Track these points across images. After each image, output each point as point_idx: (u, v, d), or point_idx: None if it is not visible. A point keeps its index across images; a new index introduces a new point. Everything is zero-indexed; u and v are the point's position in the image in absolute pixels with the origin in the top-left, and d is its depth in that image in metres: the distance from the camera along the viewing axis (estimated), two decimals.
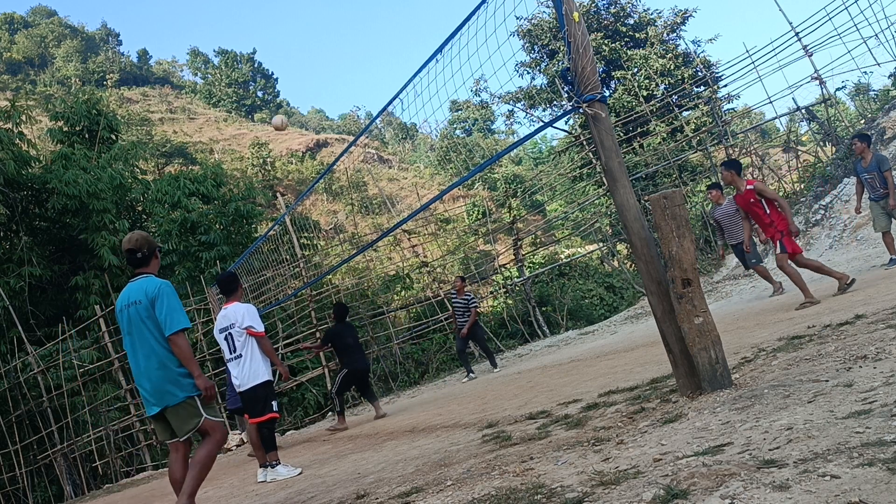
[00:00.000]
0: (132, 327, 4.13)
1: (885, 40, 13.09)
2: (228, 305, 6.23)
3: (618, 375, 5.87)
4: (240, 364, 6.01)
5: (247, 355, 6.01)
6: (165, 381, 4.06)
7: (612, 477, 2.62)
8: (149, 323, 4.08)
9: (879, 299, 5.71)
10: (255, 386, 5.96)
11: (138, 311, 4.09)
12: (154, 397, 4.10)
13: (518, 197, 24.03)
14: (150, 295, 4.09)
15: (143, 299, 4.10)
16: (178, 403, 4.07)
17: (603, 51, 22.39)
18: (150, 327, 4.08)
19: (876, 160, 8.63)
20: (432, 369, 14.87)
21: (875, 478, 1.91)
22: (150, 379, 4.08)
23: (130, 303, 4.14)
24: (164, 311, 4.06)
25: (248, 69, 73.69)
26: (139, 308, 4.09)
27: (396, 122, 70.53)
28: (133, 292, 4.16)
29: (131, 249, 4.21)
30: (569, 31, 3.90)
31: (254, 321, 6.06)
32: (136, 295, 4.13)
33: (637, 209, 3.97)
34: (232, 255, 15.60)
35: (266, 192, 30.43)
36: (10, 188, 15.10)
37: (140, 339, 4.11)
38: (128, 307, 4.15)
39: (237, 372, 6.02)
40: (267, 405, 6.01)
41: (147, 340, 4.09)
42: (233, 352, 6.07)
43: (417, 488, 3.52)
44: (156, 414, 4.14)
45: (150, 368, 4.08)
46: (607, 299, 19.04)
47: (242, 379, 5.99)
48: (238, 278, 6.57)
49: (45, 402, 12.95)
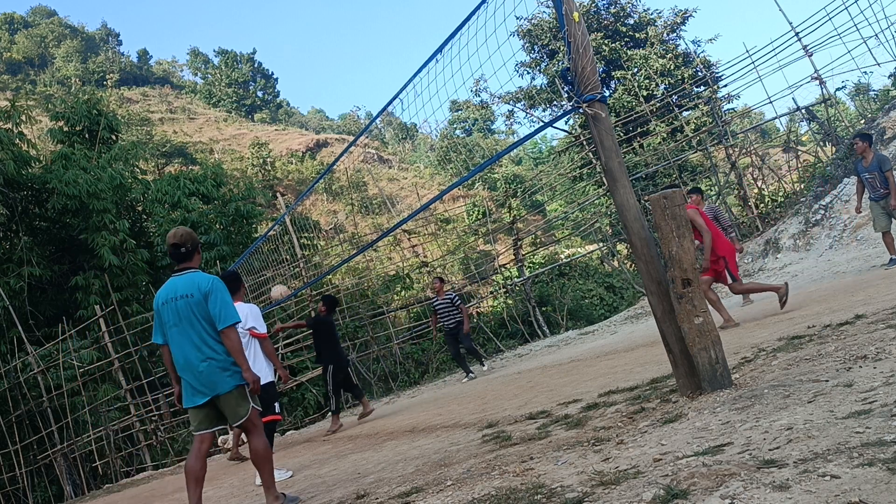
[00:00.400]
0: (180, 319, 4.19)
1: (885, 40, 13.09)
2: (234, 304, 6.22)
3: (618, 375, 5.87)
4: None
5: (249, 356, 5.99)
6: (216, 370, 4.16)
7: (612, 477, 2.62)
8: (200, 315, 4.17)
9: (879, 299, 5.71)
10: None
11: (189, 304, 4.17)
12: (204, 387, 4.17)
13: (518, 197, 24.03)
14: (202, 289, 4.19)
15: (195, 293, 4.18)
16: (229, 391, 4.18)
17: (603, 51, 22.39)
18: (201, 320, 4.17)
19: (877, 160, 8.61)
20: (432, 369, 14.87)
21: (875, 478, 1.91)
22: (198, 369, 4.16)
23: (179, 296, 4.20)
24: (217, 306, 4.17)
25: (248, 69, 73.69)
26: (190, 301, 4.17)
27: (396, 122, 70.53)
28: (182, 286, 4.24)
29: (175, 244, 4.29)
30: (569, 31, 3.91)
31: (257, 322, 6.05)
32: (186, 288, 4.21)
33: (637, 209, 3.97)
34: (232, 255, 15.59)
35: (266, 192, 30.43)
36: (10, 188, 15.09)
37: (188, 331, 4.19)
38: (175, 300, 4.21)
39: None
40: (269, 407, 5.99)
41: (198, 332, 4.17)
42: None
43: (417, 488, 3.53)
44: (200, 404, 4.19)
45: (200, 359, 4.16)
46: (607, 299, 19.05)
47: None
48: (240, 277, 6.56)
49: (45, 402, 12.95)
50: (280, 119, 75.35)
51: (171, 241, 4.31)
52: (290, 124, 73.54)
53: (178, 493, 7.32)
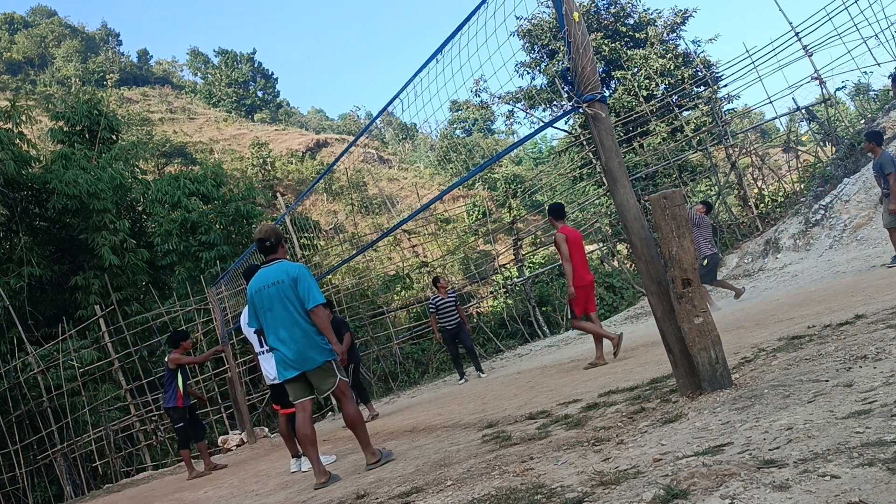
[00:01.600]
0: (273, 304, 4.64)
1: (885, 40, 13.09)
2: None
3: (618, 375, 5.87)
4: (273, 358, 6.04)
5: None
6: (308, 347, 4.63)
7: (612, 477, 2.62)
8: (292, 298, 4.63)
9: (879, 299, 5.71)
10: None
11: (280, 290, 4.63)
12: (297, 363, 4.64)
13: (518, 197, 24.03)
14: (291, 275, 4.66)
15: (285, 279, 4.66)
16: (319, 366, 4.66)
17: (603, 51, 22.38)
18: (294, 302, 4.63)
19: (879, 161, 8.61)
20: (432, 369, 14.87)
21: (875, 478, 1.91)
22: (293, 347, 4.62)
23: (271, 283, 4.67)
24: (306, 289, 4.64)
25: (248, 69, 73.70)
26: (282, 287, 4.64)
27: (396, 122, 70.55)
28: (272, 274, 4.71)
29: (261, 239, 4.80)
30: (569, 31, 3.90)
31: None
32: (276, 276, 4.68)
33: (637, 209, 3.97)
34: (232, 255, 15.59)
35: (266, 192, 30.43)
36: (10, 188, 15.09)
37: (281, 314, 4.63)
38: (268, 287, 4.67)
39: (273, 365, 6.03)
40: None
41: (290, 314, 4.63)
42: (266, 345, 6.08)
43: (417, 488, 3.52)
44: (293, 377, 4.68)
45: (294, 338, 4.62)
46: (607, 299, 19.02)
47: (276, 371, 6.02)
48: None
49: (45, 402, 12.95)
50: (280, 119, 75.36)
51: (257, 237, 4.84)
52: (290, 124, 73.54)
53: (178, 493, 7.32)
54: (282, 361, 4.68)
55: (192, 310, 13.68)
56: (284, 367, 4.68)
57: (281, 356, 4.67)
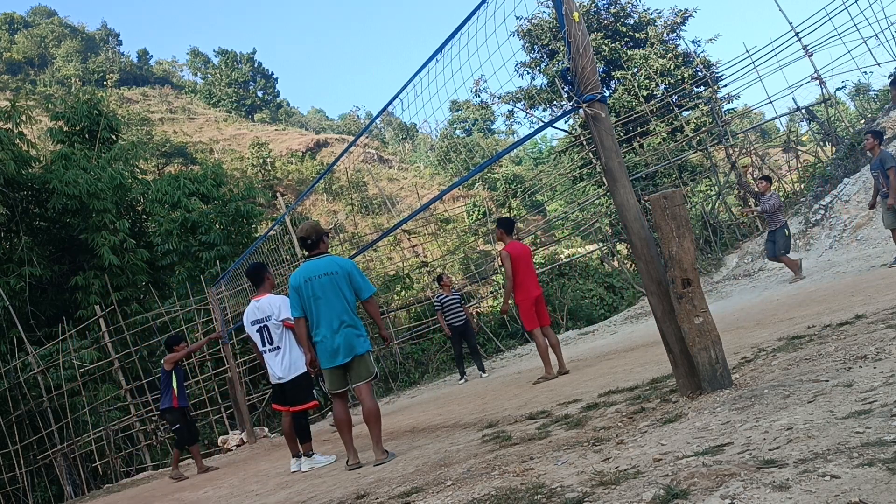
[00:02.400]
0: (326, 292, 4.87)
1: (885, 40, 13.10)
2: (260, 298, 6.25)
3: (618, 375, 5.87)
4: (279, 356, 6.07)
5: (285, 347, 6.08)
6: (354, 336, 4.89)
7: (612, 477, 2.62)
8: (345, 289, 4.90)
9: (879, 299, 5.71)
10: (298, 376, 6.05)
11: (334, 280, 4.89)
12: (344, 350, 4.87)
13: (518, 197, 24.03)
14: (345, 267, 4.96)
15: (338, 270, 4.93)
16: (362, 354, 4.92)
17: (603, 51, 22.38)
18: (346, 292, 4.90)
19: (880, 158, 8.60)
20: (432, 369, 14.86)
21: (875, 478, 1.91)
22: (340, 335, 4.86)
23: (322, 273, 4.90)
24: (359, 280, 4.97)
25: (248, 69, 73.67)
26: (335, 278, 4.89)
27: (396, 122, 70.52)
28: (324, 265, 4.95)
29: (302, 238, 5.08)
30: (569, 31, 3.90)
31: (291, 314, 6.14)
32: (328, 267, 4.93)
33: (637, 209, 3.97)
34: (232, 255, 15.59)
35: (266, 192, 30.42)
36: (10, 188, 15.08)
37: (334, 302, 4.87)
38: (319, 277, 4.89)
39: (277, 364, 6.06)
40: (309, 393, 6.15)
41: (342, 303, 4.88)
42: (269, 343, 6.09)
43: (417, 488, 3.52)
44: (336, 366, 4.89)
45: (343, 326, 4.86)
46: (607, 299, 19.01)
47: (284, 371, 6.07)
48: (266, 268, 6.68)
49: (45, 402, 12.94)
50: (280, 119, 75.34)
51: (299, 236, 5.14)
52: (290, 124, 73.52)
53: (178, 493, 7.32)
54: (327, 350, 4.87)
55: (192, 310, 13.68)
56: (333, 354, 4.86)
57: (329, 344, 4.86)
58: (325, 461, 6.01)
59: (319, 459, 6.02)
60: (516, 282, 7.46)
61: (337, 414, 5.09)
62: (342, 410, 5.07)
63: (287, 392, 6.12)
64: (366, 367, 4.94)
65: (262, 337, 6.13)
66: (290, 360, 6.05)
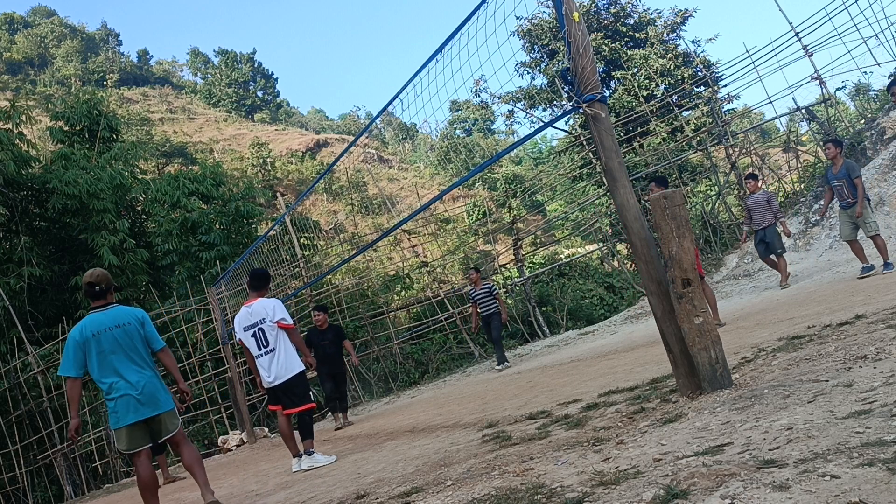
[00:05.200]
0: (119, 346, 4.65)
1: (885, 40, 13.08)
2: (252, 302, 6.24)
3: (618, 375, 5.87)
4: (274, 358, 6.03)
5: (280, 349, 6.06)
6: (158, 389, 4.71)
7: (612, 477, 2.62)
8: (138, 340, 4.73)
9: (879, 299, 5.71)
10: (292, 377, 6.04)
11: (126, 332, 4.68)
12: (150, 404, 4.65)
13: (518, 197, 24.01)
14: (138, 317, 4.81)
15: (132, 321, 4.75)
16: (170, 409, 4.76)
17: (603, 51, 22.38)
18: (138, 345, 4.73)
19: (846, 167, 8.46)
20: (432, 369, 14.86)
21: (875, 478, 1.91)
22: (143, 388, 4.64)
23: (111, 326, 4.67)
24: (153, 330, 4.85)
25: (248, 69, 73.63)
26: (128, 329, 4.69)
27: (396, 122, 70.48)
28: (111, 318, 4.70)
29: (90, 283, 4.76)
30: (569, 31, 3.90)
31: (285, 314, 6.15)
32: (116, 319, 4.70)
33: (637, 209, 3.97)
34: (232, 255, 15.59)
35: (266, 192, 30.41)
36: (10, 188, 15.08)
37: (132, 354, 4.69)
38: (109, 330, 4.65)
39: (271, 365, 6.04)
40: (305, 395, 6.13)
41: (139, 355, 4.72)
42: (264, 346, 6.08)
43: (417, 488, 3.52)
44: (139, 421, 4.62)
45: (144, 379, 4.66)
46: (607, 299, 19.02)
47: (279, 372, 6.04)
48: (268, 274, 6.71)
49: (45, 402, 12.95)
50: (280, 119, 75.34)
51: (85, 281, 4.79)
52: (290, 124, 73.51)
53: (178, 494, 7.33)
54: (132, 404, 4.56)
55: (192, 310, 13.68)
56: (136, 408, 4.57)
57: (130, 399, 4.56)
58: (326, 461, 6.01)
59: (319, 459, 6.03)
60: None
61: (141, 474, 4.67)
62: (146, 469, 4.67)
63: (284, 394, 6.11)
64: (173, 420, 4.75)
65: (258, 340, 6.09)
66: (286, 361, 6.02)
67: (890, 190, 11.19)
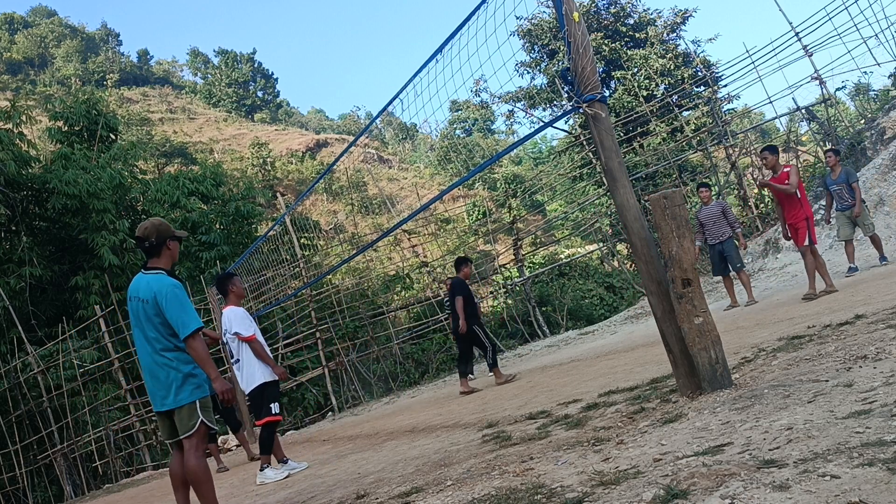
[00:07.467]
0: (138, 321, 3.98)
1: (885, 40, 13.08)
2: (225, 308, 6.23)
3: (618, 375, 5.87)
4: (241, 368, 6.02)
5: (243, 360, 6.01)
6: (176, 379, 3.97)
7: (612, 477, 2.62)
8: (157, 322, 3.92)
9: (879, 299, 5.71)
10: (253, 389, 5.99)
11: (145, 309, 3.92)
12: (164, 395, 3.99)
13: (518, 197, 24.03)
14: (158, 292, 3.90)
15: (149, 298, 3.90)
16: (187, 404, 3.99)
17: (603, 51, 22.39)
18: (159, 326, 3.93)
19: (845, 172, 9.18)
20: (432, 369, 14.87)
21: (875, 478, 1.91)
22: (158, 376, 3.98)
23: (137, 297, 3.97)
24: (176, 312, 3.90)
25: (248, 69, 73.61)
26: (146, 306, 3.91)
27: (396, 122, 70.47)
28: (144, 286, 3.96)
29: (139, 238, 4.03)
30: (569, 31, 3.90)
31: (240, 327, 5.99)
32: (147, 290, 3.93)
33: (637, 209, 3.97)
34: (232, 255, 15.60)
35: (266, 192, 30.42)
36: (10, 188, 15.08)
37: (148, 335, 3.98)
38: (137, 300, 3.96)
39: (241, 376, 6.03)
40: (264, 408, 5.95)
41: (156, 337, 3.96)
42: (232, 356, 6.08)
43: (417, 488, 3.53)
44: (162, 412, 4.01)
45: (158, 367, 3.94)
46: (607, 299, 19.04)
47: (244, 384, 6.02)
48: (230, 278, 6.38)
49: (45, 402, 12.95)
50: (280, 119, 75.32)
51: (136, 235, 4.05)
52: (290, 124, 73.49)
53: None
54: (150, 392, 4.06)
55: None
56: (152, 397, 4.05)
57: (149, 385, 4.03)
58: (275, 477, 5.80)
59: (268, 475, 5.83)
60: (803, 197, 7.72)
61: (171, 467, 4.12)
62: (176, 463, 4.05)
63: (251, 405, 6.06)
64: (189, 418, 3.89)
65: (230, 349, 6.09)
66: (248, 373, 5.96)
67: (890, 190, 11.19)
